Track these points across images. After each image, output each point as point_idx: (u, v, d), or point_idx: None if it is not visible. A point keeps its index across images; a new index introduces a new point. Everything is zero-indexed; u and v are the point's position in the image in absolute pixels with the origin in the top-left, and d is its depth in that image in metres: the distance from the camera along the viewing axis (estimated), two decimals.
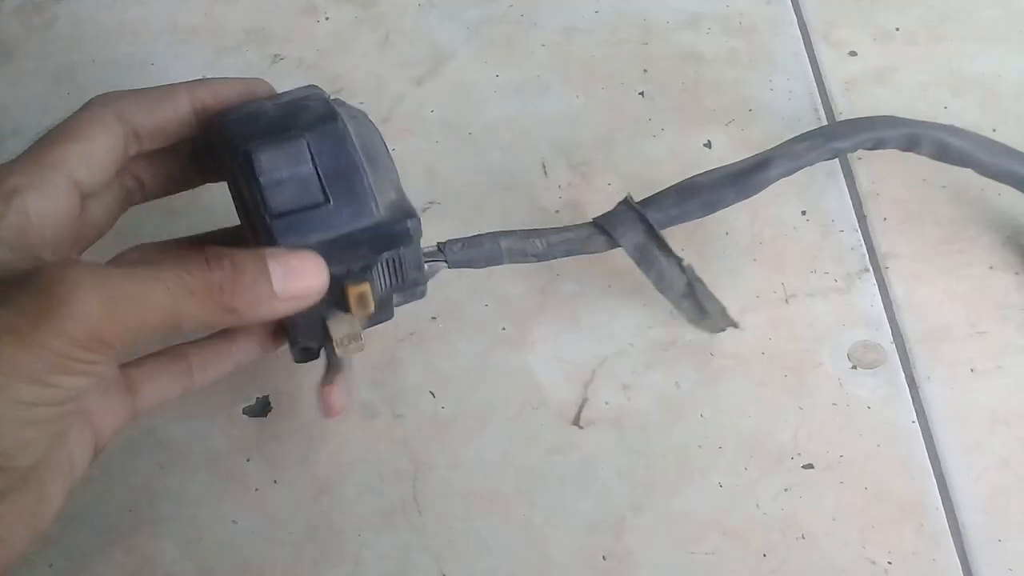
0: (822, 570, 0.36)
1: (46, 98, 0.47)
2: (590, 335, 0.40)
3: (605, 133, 0.46)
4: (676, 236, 0.42)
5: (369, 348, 0.40)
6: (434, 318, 0.41)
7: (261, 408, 0.39)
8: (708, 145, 0.45)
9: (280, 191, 0.30)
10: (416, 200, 0.43)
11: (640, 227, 0.37)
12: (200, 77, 0.47)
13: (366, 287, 0.32)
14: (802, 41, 0.48)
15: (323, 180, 0.30)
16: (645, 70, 0.47)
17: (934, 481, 0.37)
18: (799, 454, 0.38)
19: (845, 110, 0.46)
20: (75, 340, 0.23)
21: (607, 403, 0.39)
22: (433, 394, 0.39)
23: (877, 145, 0.39)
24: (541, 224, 0.43)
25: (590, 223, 0.38)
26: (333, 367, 0.35)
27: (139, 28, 0.50)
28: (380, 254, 0.32)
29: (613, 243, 0.37)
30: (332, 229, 0.30)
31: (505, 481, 0.38)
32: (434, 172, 0.45)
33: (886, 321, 0.41)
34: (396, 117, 0.47)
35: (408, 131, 0.46)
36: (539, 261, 0.37)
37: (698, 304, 0.38)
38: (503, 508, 0.37)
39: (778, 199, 0.43)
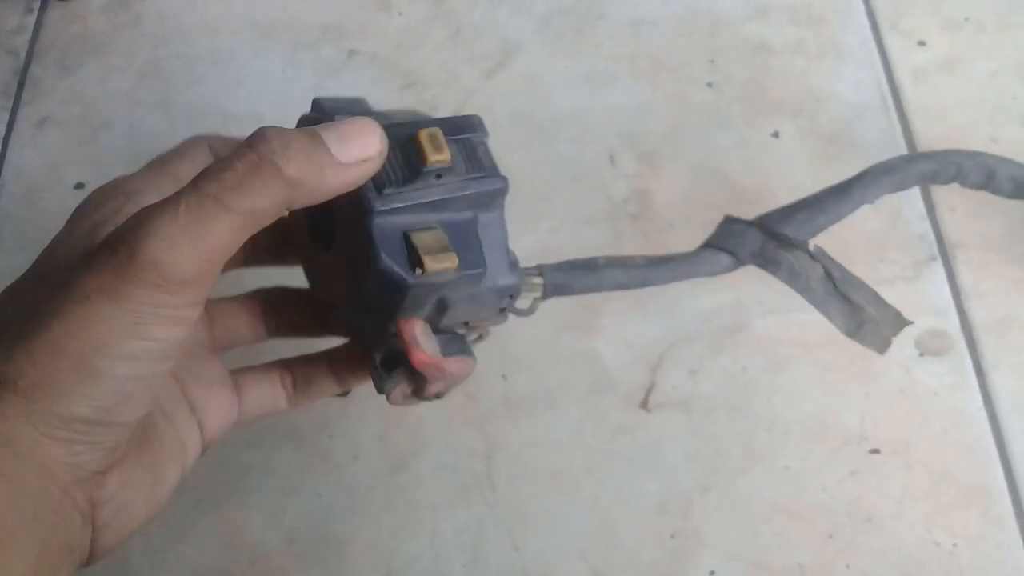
0: (887, 552, 0.36)
1: (134, 92, 0.50)
2: (657, 320, 0.41)
3: (673, 124, 0.47)
4: None
5: None
6: None
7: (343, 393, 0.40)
8: (776, 135, 0.46)
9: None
10: None
11: (750, 233, 0.35)
12: (280, 73, 0.50)
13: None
14: (870, 31, 0.48)
15: None
16: (712, 61, 0.48)
17: (1000, 467, 0.38)
18: (865, 439, 0.38)
19: (913, 100, 0.46)
20: (156, 286, 0.23)
21: (674, 387, 0.40)
22: (505, 377, 0.41)
23: (957, 176, 0.37)
24: (611, 213, 0.44)
25: (703, 247, 0.35)
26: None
27: (220, 25, 0.52)
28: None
29: (734, 260, 0.35)
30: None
31: (574, 461, 0.39)
32: (504, 163, 0.46)
33: (954, 309, 0.41)
34: (467, 109, 0.48)
35: None
36: (643, 286, 0.35)
37: (847, 302, 0.34)
38: (572, 487, 0.38)
39: None
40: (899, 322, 0.34)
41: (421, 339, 0.29)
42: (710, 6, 0.50)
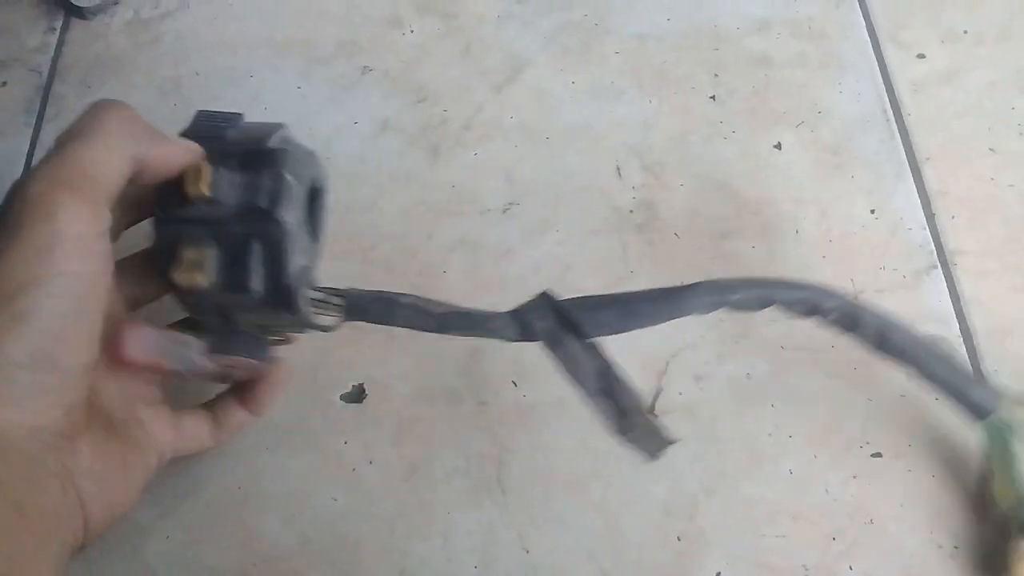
0: (890, 553, 0.37)
1: (154, 109, 0.51)
2: (664, 328, 0.42)
3: (677, 135, 0.48)
4: (745, 234, 0.44)
5: (453, 338, 0.43)
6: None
7: (357, 395, 0.42)
8: (778, 146, 0.47)
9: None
10: (496, 201, 0.47)
11: (551, 314, 0.35)
12: (296, 89, 0.51)
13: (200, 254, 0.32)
14: (870, 44, 0.49)
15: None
16: (716, 74, 0.49)
17: None
18: (868, 443, 0.39)
19: (913, 110, 0.47)
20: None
21: (680, 393, 0.41)
22: (515, 383, 0.42)
23: (813, 312, 0.36)
24: (617, 224, 0.45)
25: (508, 311, 0.35)
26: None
27: (238, 43, 0.53)
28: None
29: (526, 332, 0.35)
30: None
31: (583, 465, 0.40)
32: (513, 175, 0.48)
33: (954, 316, 0.42)
34: (477, 124, 0.49)
35: (488, 136, 0.49)
36: (438, 332, 0.36)
37: (617, 404, 0.35)
38: (581, 490, 0.39)
39: (846, 198, 0.45)
40: (660, 441, 0.35)
41: (128, 339, 0.32)
42: (713, 20, 0.51)
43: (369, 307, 0.35)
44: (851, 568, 0.37)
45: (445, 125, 0.49)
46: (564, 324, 0.34)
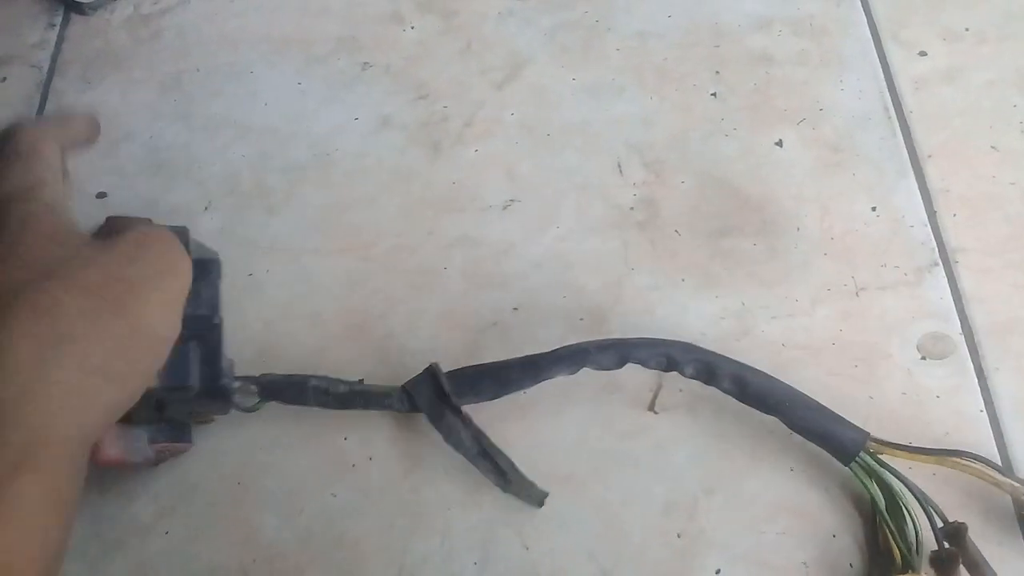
0: None
1: (155, 105, 0.51)
2: (664, 325, 0.42)
3: (678, 133, 0.48)
4: (746, 231, 0.44)
5: (452, 335, 0.43)
6: (515, 309, 0.43)
7: None
8: (780, 144, 0.47)
9: None
10: (496, 198, 0.46)
11: (432, 386, 0.39)
12: (295, 85, 0.51)
13: None
14: (872, 42, 0.49)
15: None
16: (717, 72, 0.49)
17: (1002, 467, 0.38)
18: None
19: (915, 108, 0.47)
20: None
21: (681, 390, 0.41)
22: None
23: (671, 366, 0.38)
24: (618, 221, 0.45)
25: (400, 386, 0.39)
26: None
27: (238, 39, 0.53)
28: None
29: (412, 404, 0.39)
30: None
31: (582, 463, 0.40)
32: (513, 172, 0.47)
33: (955, 313, 0.42)
34: (478, 120, 0.49)
35: (489, 133, 0.49)
36: (342, 408, 0.40)
37: (493, 462, 0.38)
38: (581, 488, 0.39)
39: (847, 195, 0.45)
40: (534, 493, 0.38)
41: (106, 441, 0.35)
42: (714, 18, 0.51)
43: (283, 390, 0.39)
44: (851, 566, 0.37)
45: (446, 122, 0.49)
46: (446, 401, 0.38)
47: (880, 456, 0.37)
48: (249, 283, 0.45)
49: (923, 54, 0.49)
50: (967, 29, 0.49)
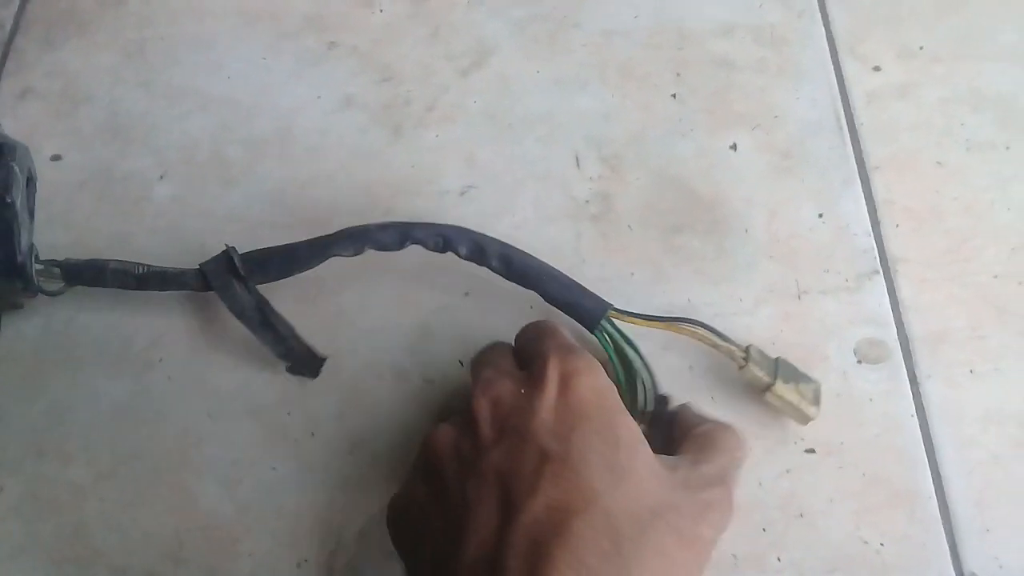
0: (817, 546, 0.38)
1: (117, 69, 0.51)
2: None
3: (637, 131, 0.48)
4: (697, 230, 0.45)
5: (403, 317, 0.43)
6: (467, 294, 0.44)
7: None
8: (734, 147, 0.48)
9: None
10: (455, 183, 0.47)
11: (226, 267, 0.40)
12: (261, 60, 0.51)
13: None
14: (829, 54, 0.51)
15: None
16: (678, 74, 0.50)
17: (928, 472, 0.40)
18: (802, 439, 0.40)
19: (866, 121, 0.48)
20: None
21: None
22: (462, 363, 0.42)
23: (446, 247, 0.40)
24: (573, 213, 0.46)
25: (195, 268, 0.41)
26: None
27: (205, 10, 0.53)
28: None
29: (203, 283, 0.41)
30: None
31: None
32: (473, 158, 0.48)
33: (892, 321, 0.43)
34: (441, 105, 0.50)
35: (451, 119, 0.49)
36: (139, 289, 0.41)
37: (275, 331, 0.40)
38: None
39: (795, 201, 0.46)
40: (313, 363, 0.41)
41: None
42: (679, 21, 0.52)
43: (83, 272, 0.41)
44: (779, 559, 0.38)
45: (408, 105, 0.50)
46: (235, 274, 0.40)
47: (618, 324, 0.39)
48: (202, 254, 0.45)
49: (877, 69, 0.50)
50: (922, 48, 0.51)
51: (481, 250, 0.40)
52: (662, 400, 0.39)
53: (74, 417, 0.41)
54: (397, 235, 0.40)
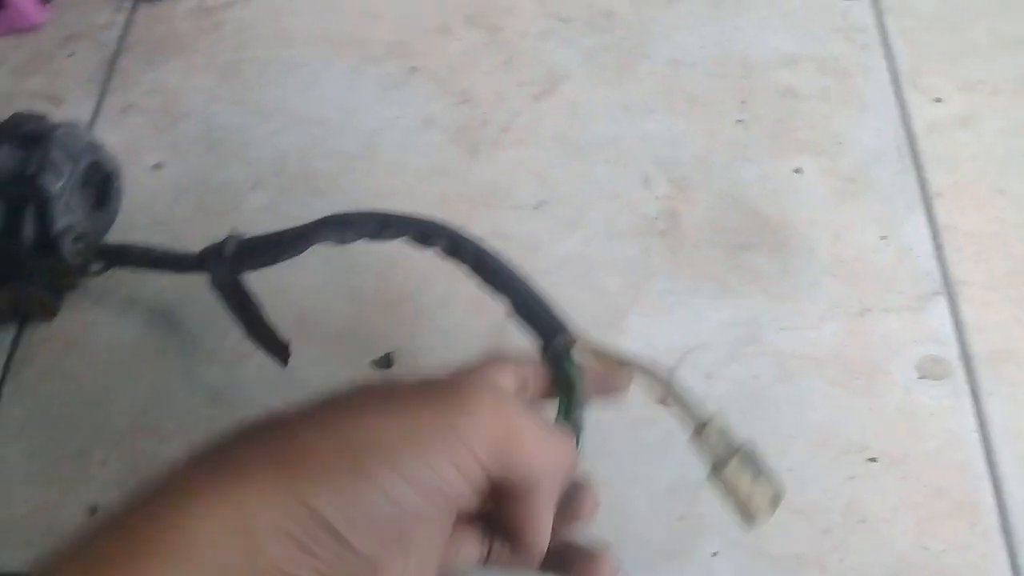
0: (878, 551, 0.39)
1: (212, 88, 0.54)
2: (680, 326, 0.45)
3: (703, 154, 0.50)
4: (762, 249, 0.47)
5: (480, 320, 0.45)
6: None
7: (386, 362, 0.44)
8: (799, 171, 0.49)
9: None
10: (528, 199, 0.49)
11: (221, 253, 0.41)
12: (346, 83, 0.54)
13: None
14: (891, 85, 0.52)
15: None
16: (743, 101, 0.52)
17: (990, 485, 0.40)
18: (866, 448, 0.41)
19: (927, 149, 0.50)
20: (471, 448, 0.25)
21: (691, 388, 0.43)
22: None
23: (424, 240, 0.39)
24: (642, 229, 0.48)
25: (197, 255, 0.42)
26: None
27: (295, 36, 0.57)
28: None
29: (203, 266, 0.42)
30: None
31: (592, 441, 0.41)
32: (545, 177, 0.50)
33: (955, 339, 0.44)
34: (514, 128, 0.52)
35: (523, 142, 0.52)
36: (156, 267, 0.44)
37: (246, 314, 0.42)
38: (589, 465, 0.41)
39: (859, 224, 0.47)
40: (283, 348, 0.43)
41: None
42: (744, 52, 0.54)
43: (112, 253, 0.45)
44: (841, 561, 0.39)
45: (484, 127, 0.52)
46: (225, 260, 0.41)
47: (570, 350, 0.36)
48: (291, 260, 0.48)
49: (939, 100, 0.52)
50: (982, 81, 0.52)
51: (456, 247, 0.39)
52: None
53: (172, 401, 0.44)
54: (376, 224, 0.40)
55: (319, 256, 0.47)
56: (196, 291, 0.46)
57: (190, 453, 0.24)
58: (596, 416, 0.42)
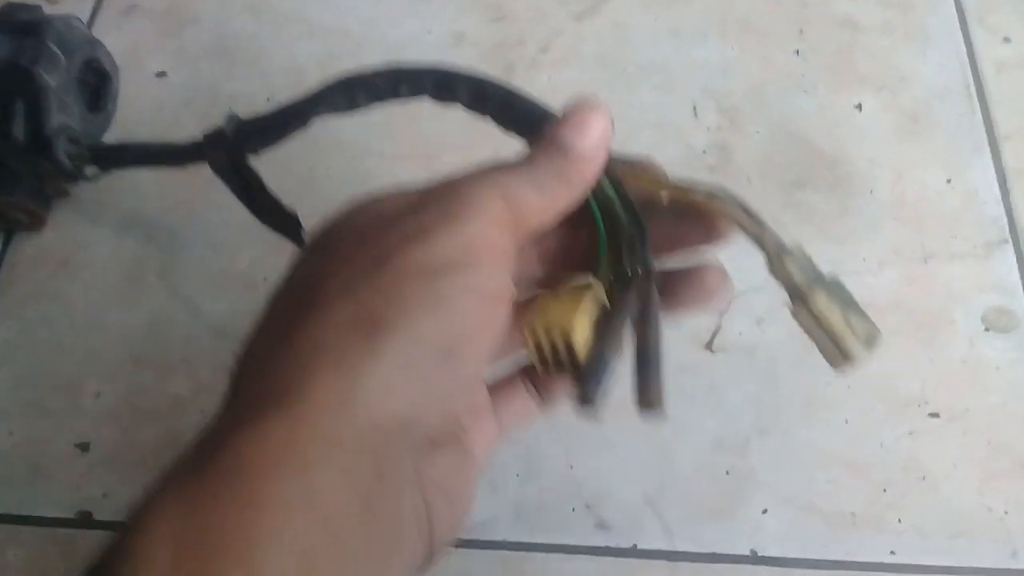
0: (939, 509, 0.36)
1: None
2: (730, 267, 0.41)
3: (757, 84, 0.47)
4: (819, 187, 0.43)
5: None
6: None
7: None
8: (859, 107, 0.46)
9: None
10: None
11: (221, 136, 0.37)
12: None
13: None
14: (957, 21, 0.49)
15: None
16: (801, 31, 0.49)
17: None
18: (926, 402, 0.39)
19: (995, 90, 0.47)
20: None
21: (740, 333, 0.40)
22: None
23: (443, 96, 0.36)
24: (690, 162, 0.44)
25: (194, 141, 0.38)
26: None
27: None
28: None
29: (202, 154, 0.38)
30: None
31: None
32: None
33: (1022, 290, 0.41)
34: (554, 48, 0.48)
35: (564, 62, 0.48)
36: (156, 163, 0.40)
37: (262, 205, 0.38)
38: (632, 415, 0.38)
39: (922, 164, 0.44)
40: (296, 233, 0.38)
41: None
42: None
43: (108, 154, 0.41)
44: (900, 520, 0.36)
45: (521, 46, 0.48)
46: (227, 143, 0.37)
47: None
48: (308, 178, 0.44)
49: (1007, 40, 0.48)
50: None
51: (481, 92, 0.36)
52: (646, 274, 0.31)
53: (173, 330, 0.41)
54: (388, 81, 0.35)
55: (336, 181, 0.44)
56: (202, 210, 0.43)
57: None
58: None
